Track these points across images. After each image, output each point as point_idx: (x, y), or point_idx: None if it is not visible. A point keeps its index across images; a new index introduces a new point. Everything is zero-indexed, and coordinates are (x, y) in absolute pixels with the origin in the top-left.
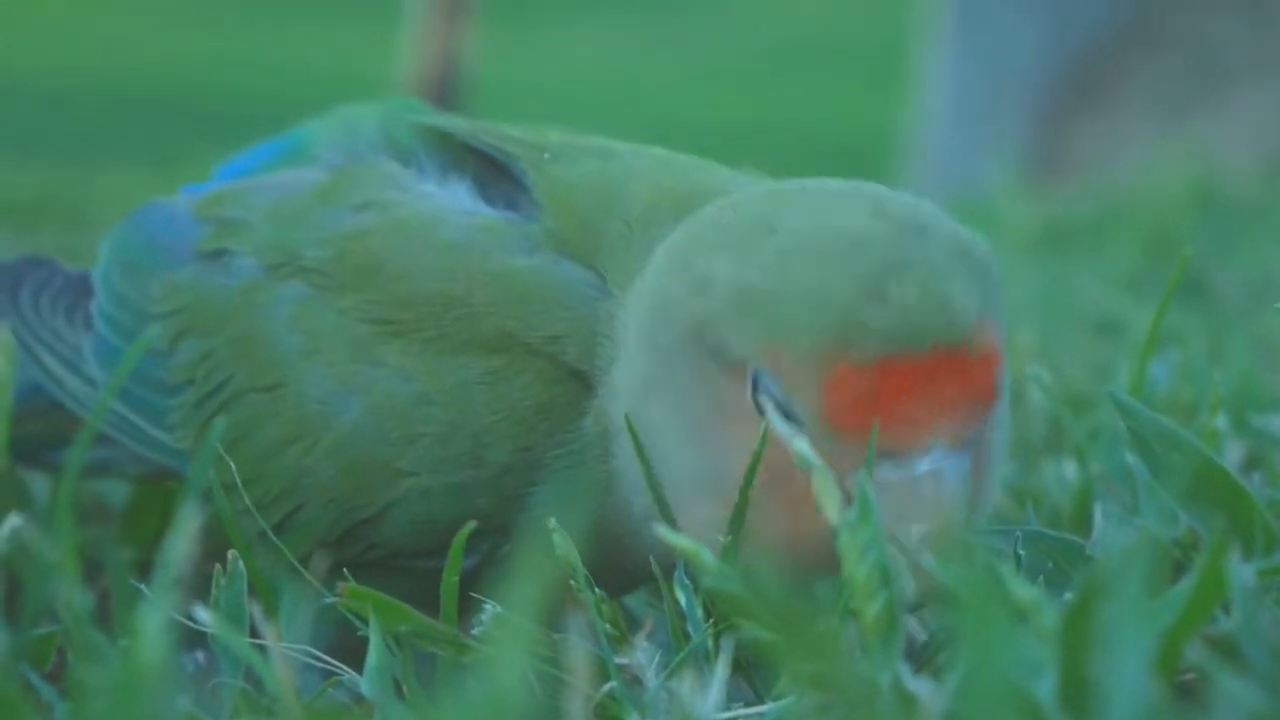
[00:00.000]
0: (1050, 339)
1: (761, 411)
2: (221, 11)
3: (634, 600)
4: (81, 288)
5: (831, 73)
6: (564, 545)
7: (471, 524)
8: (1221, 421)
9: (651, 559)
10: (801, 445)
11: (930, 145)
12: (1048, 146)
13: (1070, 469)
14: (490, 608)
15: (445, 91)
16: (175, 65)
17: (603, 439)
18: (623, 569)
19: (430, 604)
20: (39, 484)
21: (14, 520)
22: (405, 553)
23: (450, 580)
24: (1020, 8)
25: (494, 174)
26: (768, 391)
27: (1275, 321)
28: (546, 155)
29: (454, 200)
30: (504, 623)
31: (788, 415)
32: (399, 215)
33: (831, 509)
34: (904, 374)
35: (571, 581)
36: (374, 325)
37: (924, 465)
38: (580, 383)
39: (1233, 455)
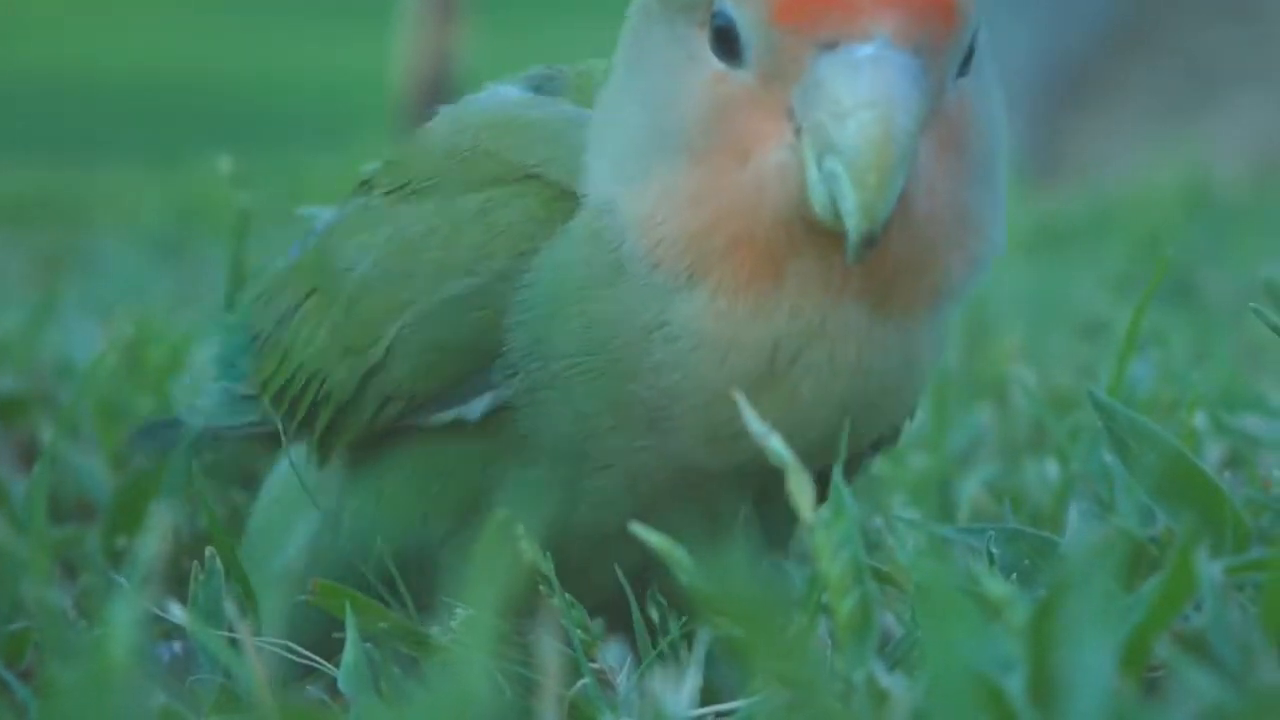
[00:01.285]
0: (1039, 340)
1: (718, 54)
2: (219, 10)
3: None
4: None
5: None
6: (530, 550)
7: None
8: (1200, 420)
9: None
10: (776, 443)
11: None
12: (1041, 148)
13: (1052, 468)
14: (461, 610)
15: (439, 92)
16: (172, 63)
17: (597, 234)
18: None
19: (456, 481)
20: (16, 484)
21: None
22: (418, 400)
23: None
24: (1014, 10)
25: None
26: (723, 13)
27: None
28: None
29: (499, 90)
30: (471, 621)
31: (737, 34)
32: (447, 110)
33: (805, 505)
34: None
35: (542, 587)
36: (395, 194)
37: (864, 50)
38: (572, 199)
39: (1213, 454)
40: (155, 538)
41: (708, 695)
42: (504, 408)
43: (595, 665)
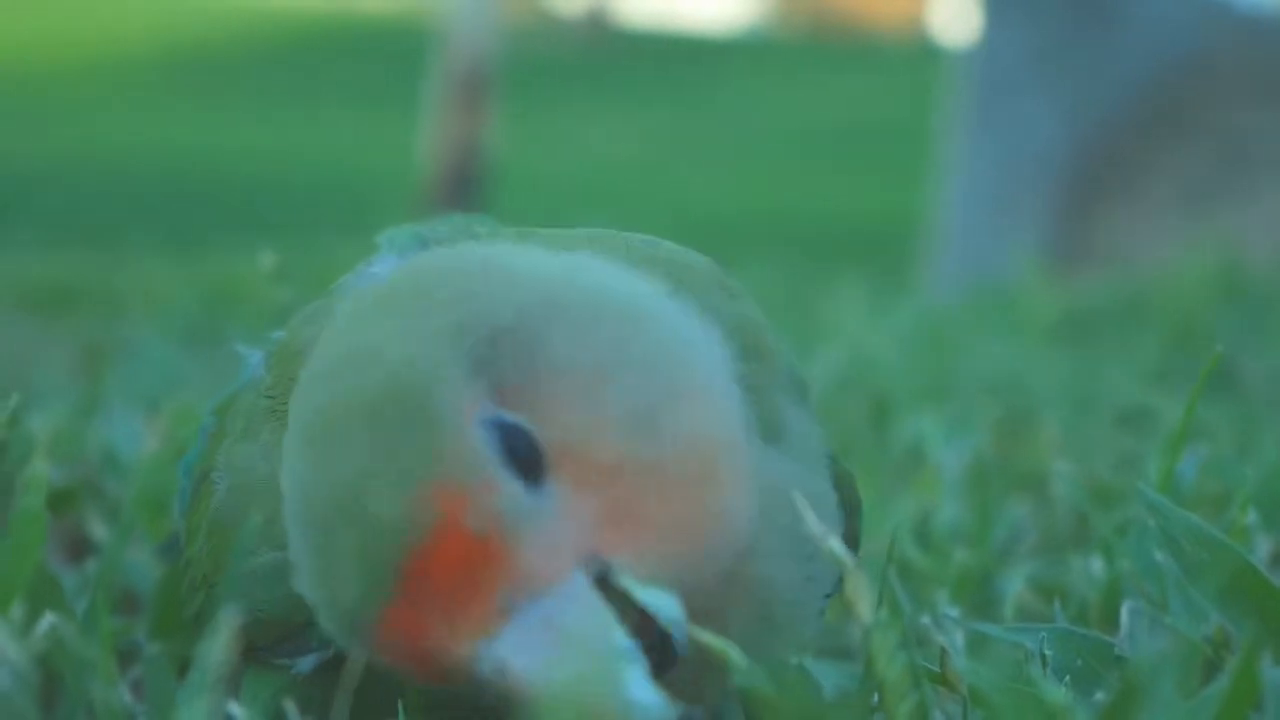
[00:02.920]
0: (1076, 430)
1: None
2: (245, 102)
3: None
4: None
5: (854, 161)
6: None
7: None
8: (1252, 517)
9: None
10: (835, 544)
11: (952, 232)
12: (1070, 235)
13: (1097, 564)
14: None
15: (465, 181)
16: (197, 152)
17: None
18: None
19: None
20: (67, 575)
21: (49, 618)
22: (256, 645)
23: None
24: (1042, 95)
25: None
26: None
27: None
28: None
29: (382, 274)
30: None
31: None
32: (331, 295)
33: (864, 608)
34: (394, 623)
35: None
36: (266, 401)
37: (488, 665)
38: None
39: (1262, 550)
40: (221, 642)
41: None
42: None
43: None
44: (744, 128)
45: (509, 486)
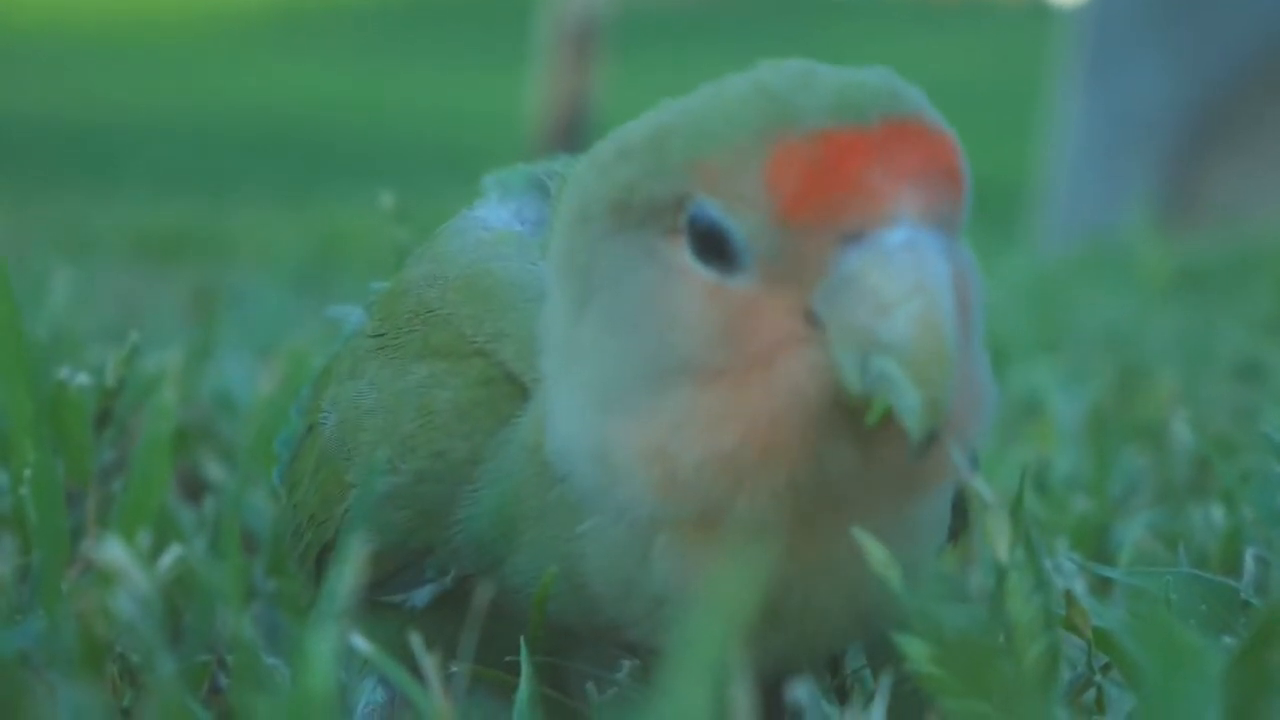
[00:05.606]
0: (1190, 383)
1: (704, 263)
2: (350, 52)
3: None
4: None
5: (962, 117)
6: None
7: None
8: None
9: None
10: (978, 483)
11: (1061, 189)
12: (1179, 191)
13: (1217, 513)
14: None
15: (571, 130)
16: (304, 105)
17: (537, 453)
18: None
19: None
20: (184, 514)
21: (176, 550)
22: (368, 581)
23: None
24: (1152, 50)
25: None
26: (708, 220)
27: None
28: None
29: (489, 216)
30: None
31: (728, 239)
32: (437, 236)
33: (1001, 545)
34: (853, 143)
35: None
36: (371, 339)
37: (896, 236)
38: (514, 386)
39: None
40: (351, 570)
41: None
42: (462, 587)
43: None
44: None
45: None
